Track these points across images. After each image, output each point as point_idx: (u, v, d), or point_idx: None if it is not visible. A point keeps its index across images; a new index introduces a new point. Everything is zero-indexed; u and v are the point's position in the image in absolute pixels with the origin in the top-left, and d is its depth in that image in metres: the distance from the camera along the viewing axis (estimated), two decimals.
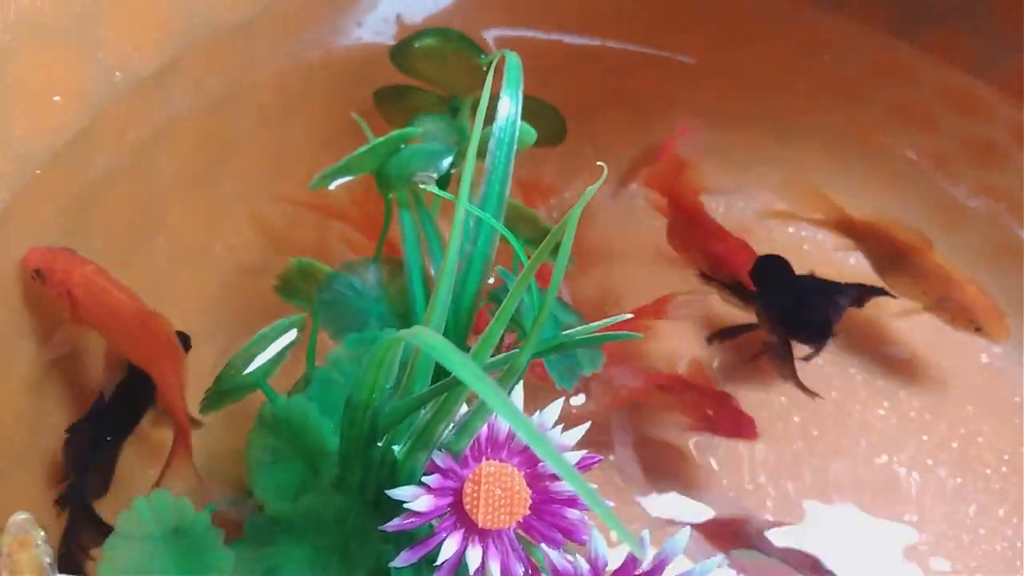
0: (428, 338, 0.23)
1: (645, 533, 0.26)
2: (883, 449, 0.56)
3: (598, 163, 0.26)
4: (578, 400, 0.54)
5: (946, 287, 0.56)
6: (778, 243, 0.60)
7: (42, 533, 0.39)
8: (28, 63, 0.45)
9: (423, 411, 0.32)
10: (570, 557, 0.27)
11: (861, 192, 0.62)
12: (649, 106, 0.63)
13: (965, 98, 0.61)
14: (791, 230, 0.63)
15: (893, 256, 0.57)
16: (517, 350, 0.29)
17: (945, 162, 0.63)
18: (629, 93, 0.64)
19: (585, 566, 0.27)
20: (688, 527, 0.27)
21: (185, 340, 0.45)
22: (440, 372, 0.32)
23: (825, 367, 0.58)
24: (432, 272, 0.46)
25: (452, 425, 0.32)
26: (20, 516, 0.41)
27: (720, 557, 0.26)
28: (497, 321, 0.28)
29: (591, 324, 0.30)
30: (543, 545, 0.30)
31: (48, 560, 0.39)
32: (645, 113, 0.63)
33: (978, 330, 0.55)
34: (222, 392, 0.39)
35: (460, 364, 0.21)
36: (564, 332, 0.32)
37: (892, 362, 0.59)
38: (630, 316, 0.29)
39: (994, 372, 0.59)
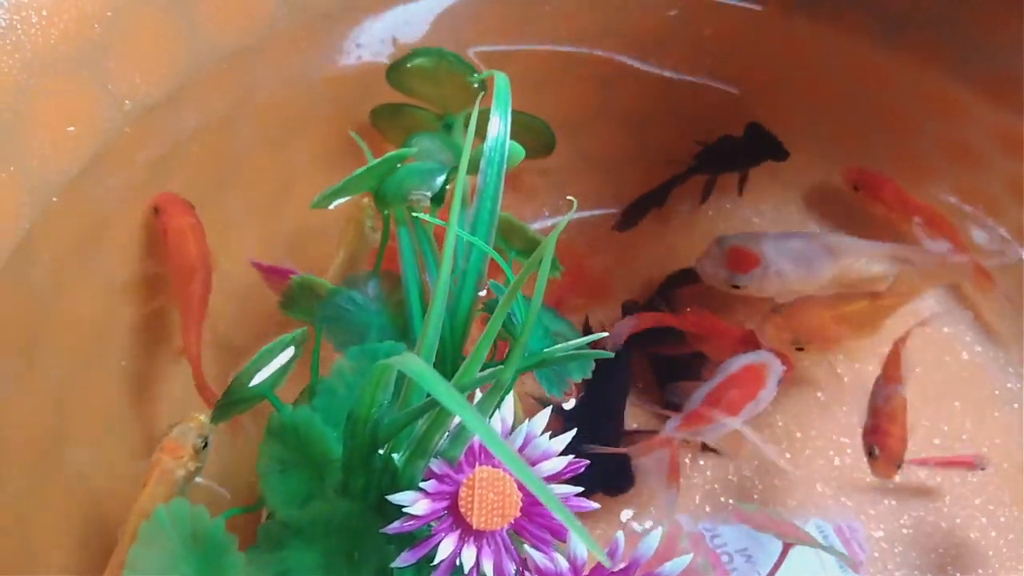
0: (414, 365, 0.25)
1: (619, 534, 0.29)
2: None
3: (568, 197, 0.28)
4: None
5: None
6: None
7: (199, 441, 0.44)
8: (44, 98, 0.47)
9: (420, 422, 0.34)
10: (552, 557, 0.29)
11: None
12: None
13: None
14: None
15: None
16: (502, 366, 0.31)
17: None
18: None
19: (565, 564, 0.29)
20: (659, 528, 0.29)
21: None
22: None
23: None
24: (429, 285, 0.48)
25: (447, 434, 0.35)
26: (192, 423, 0.45)
27: (690, 557, 0.28)
28: (484, 339, 0.31)
29: (573, 341, 0.32)
30: (527, 547, 0.32)
31: (183, 473, 0.44)
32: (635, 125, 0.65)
33: None
34: (231, 403, 0.42)
35: (442, 390, 0.23)
36: (548, 348, 0.34)
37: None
38: (606, 334, 0.31)
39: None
